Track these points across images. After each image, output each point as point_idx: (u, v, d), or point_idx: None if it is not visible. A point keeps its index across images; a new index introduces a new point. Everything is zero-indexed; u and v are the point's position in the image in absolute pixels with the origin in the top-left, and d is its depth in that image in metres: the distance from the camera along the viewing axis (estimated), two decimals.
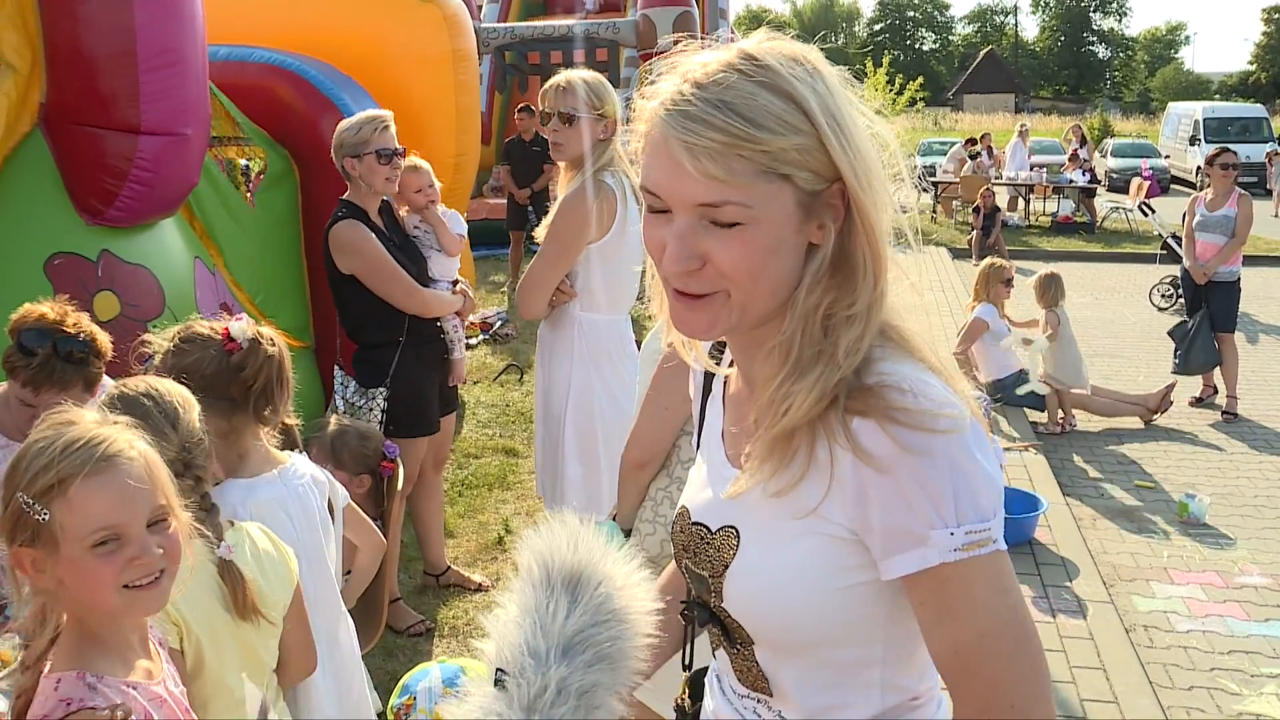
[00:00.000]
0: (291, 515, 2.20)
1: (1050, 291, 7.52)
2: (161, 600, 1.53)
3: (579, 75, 3.49)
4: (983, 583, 1.08)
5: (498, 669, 1.00)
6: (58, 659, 1.47)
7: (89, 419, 1.53)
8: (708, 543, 1.24)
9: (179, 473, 1.83)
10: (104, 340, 2.61)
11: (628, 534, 2.52)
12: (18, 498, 1.43)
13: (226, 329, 2.18)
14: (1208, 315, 7.59)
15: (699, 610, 1.27)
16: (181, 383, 1.98)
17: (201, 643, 1.84)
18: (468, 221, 4.65)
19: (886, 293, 1.15)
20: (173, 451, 1.84)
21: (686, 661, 1.41)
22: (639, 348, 2.89)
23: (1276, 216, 19.64)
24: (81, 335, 2.56)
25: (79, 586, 1.46)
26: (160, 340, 2.21)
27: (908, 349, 1.15)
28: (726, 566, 1.20)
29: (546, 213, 3.58)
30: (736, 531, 1.20)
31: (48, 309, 2.56)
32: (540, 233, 3.54)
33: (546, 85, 3.50)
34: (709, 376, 1.40)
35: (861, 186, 1.10)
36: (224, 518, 1.96)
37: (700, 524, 1.27)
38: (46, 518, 1.42)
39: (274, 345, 2.23)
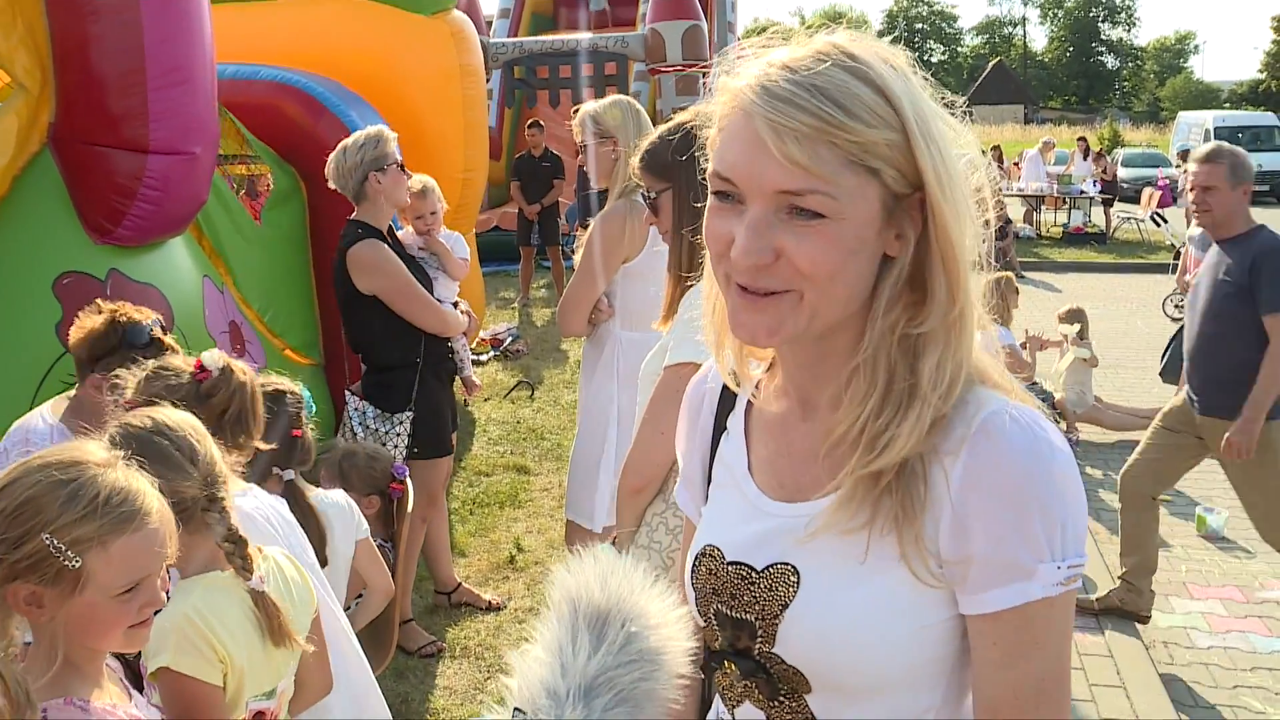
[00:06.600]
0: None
1: (1084, 324, 7.68)
2: (149, 635, 1.58)
3: (590, 106, 3.60)
4: (1058, 623, 1.05)
5: (515, 708, 0.97)
6: (38, 692, 1.45)
7: (98, 456, 1.52)
8: (753, 584, 1.14)
9: (204, 508, 1.80)
10: (147, 311, 2.60)
11: None
12: (44, 540, 1.41)
13: (199, 359, 2.17)
14: None
15: (740, 660, 1.15)
16: None
17: (244, 675, 1.82)
18: (478, 234, 4.64)
19: (972, 323, 1.07)
20: (196, 488, 1.79)
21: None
22: None
23: None
24: (144, 321, 2.54)
25: (85, 627, 1.47)
26: (132, 376, 2.17)
27: (990, 380, 1.10)
28: (785, 607, 1.11)
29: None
30: (794, 569, 1.11)
31: (103, 311, 2.51)
32: (577, 254, 3.57)
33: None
34: (721, 415, 1.30)
35: (945, 198, 1.02)
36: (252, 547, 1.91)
37: (741, 563, 1.16)
38: (78, 565, 1.42)
39: (245, 375, 2.22)
